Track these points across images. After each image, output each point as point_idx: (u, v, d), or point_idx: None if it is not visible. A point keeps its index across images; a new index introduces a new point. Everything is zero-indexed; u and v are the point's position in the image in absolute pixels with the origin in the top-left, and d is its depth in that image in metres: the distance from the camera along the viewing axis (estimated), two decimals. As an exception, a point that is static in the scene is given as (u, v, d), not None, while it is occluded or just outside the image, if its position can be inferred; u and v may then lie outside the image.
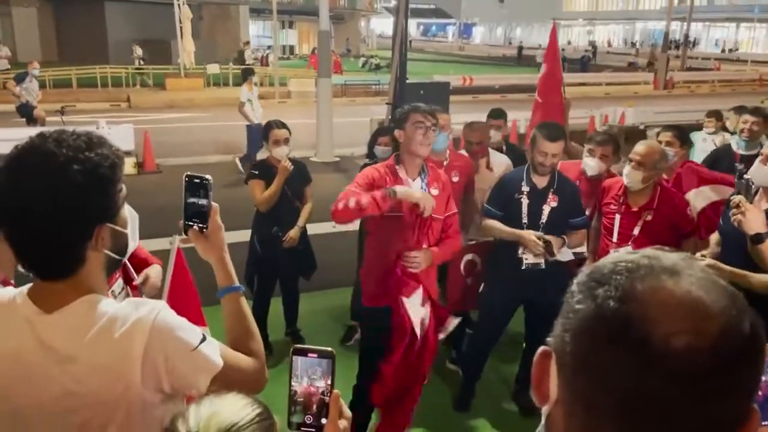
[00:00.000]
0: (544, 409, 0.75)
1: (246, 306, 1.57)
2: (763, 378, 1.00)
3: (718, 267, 2.84)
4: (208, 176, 1.51)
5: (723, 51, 52.01)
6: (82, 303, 1.31)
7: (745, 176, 2.68)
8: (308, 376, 1.16)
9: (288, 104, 10.97)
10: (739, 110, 6.96)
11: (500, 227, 3.80)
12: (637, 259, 0.68)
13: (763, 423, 1.00)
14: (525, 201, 3.75)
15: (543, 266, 3.74)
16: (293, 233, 4.59)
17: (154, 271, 2.49)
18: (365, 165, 4.85)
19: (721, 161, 4.94)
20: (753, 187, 2.71)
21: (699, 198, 4.02)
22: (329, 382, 1.16)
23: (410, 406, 3.51)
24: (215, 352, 1.38)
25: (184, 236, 1.55)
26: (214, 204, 1.53)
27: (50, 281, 1.32)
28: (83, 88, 20.67)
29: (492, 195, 3.98)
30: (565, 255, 3.82)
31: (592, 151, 4.14)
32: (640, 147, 3.60)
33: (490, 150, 4.65)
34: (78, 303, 1.30)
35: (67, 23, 30.26)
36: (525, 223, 3.74)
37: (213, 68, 22.97)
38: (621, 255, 0.71)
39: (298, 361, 1.16)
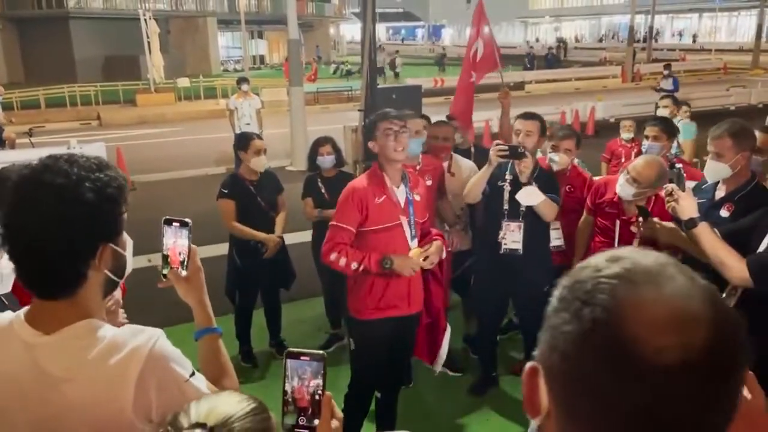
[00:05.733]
0: (535, 422, 0.75)
1: (222, 346, 1.60)
2: None
3: (674, 229, 2.90)
4: (187, 219, 1.53)
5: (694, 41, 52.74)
6: (80, 326, 1.32)
7: (677, 165, 2.78)
8: (300, 378, 1.19)
9: (261, 114, 10.99)
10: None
11: (475, 178, 3.92)
12: (618, 273, 0.68)
13: None
14: (507, 189, 3.87)
15: (521, 252, 3.86)
16: (272, 245, 4.60)
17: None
18: (310, 178, 4.83)
19: None
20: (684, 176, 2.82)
21: None
22: (321, 383, 1.19)
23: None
24: (203, 384, 1.41)
25: (163, 280, 1.56)
26: (194, 246, 1.55)
27: (49, 300, 1.33)
28: (52, 107, 20.38)
29: None
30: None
31: (555, 147, 4.23)
32: (639, 162, 3.56)
33: (454, 155, 4.54)
34: (77, 326, 1.32)
35: (32, 43, 29.81)
36: (506, 210, 3.87)
37: (183, 82, 22.84)
38: (600, 264, 0.70)
39: (291, 364, 1.19)
